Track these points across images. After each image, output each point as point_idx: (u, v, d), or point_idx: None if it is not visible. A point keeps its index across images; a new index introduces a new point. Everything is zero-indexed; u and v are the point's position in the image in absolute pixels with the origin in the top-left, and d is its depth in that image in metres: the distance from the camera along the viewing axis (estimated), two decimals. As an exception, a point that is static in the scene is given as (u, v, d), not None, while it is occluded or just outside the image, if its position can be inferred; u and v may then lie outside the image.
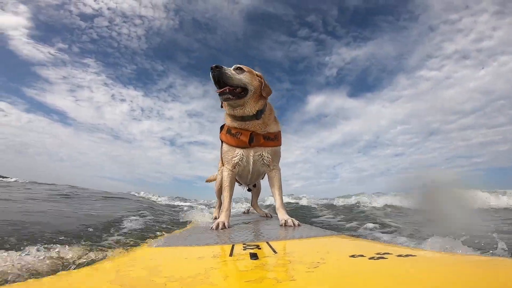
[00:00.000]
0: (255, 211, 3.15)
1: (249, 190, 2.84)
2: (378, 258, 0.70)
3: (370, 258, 0.70)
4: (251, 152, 1.96)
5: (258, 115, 1.91)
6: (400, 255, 0.72)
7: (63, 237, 1.82)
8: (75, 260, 1.41)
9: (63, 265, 1.35)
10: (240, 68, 1.89)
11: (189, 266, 0.84)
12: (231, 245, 1.09)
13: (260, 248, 0.98)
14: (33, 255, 1.32)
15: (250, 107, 1.88)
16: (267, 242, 1.13)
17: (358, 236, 2.31)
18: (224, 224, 1.80)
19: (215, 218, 2.79)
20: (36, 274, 1.19)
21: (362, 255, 0.74)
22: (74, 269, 1.30)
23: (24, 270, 1.18)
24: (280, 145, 2.09)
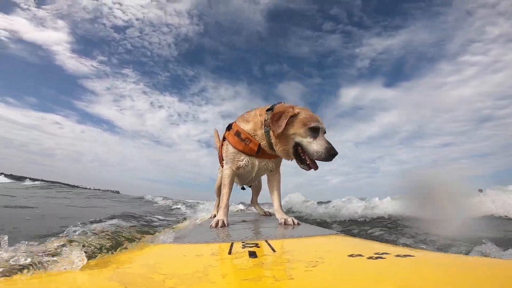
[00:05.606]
0: (255, 209, 3.17)
1: (243, 188, 2.84)
2: (377, 258, 0.70)
3: (368, 258, 0.70)
4: (256, 161, 1.95)
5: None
6: (398, 255, 0.72)
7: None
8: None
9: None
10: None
11: (187, 263, 0.84)
12: (230, 243, 1.09)
13: (259, 247, 0.99)
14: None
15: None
16: (266, 241, 1.13)
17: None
18: (223, 222, 1.80)
19: (214, 216, 2.80)
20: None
21: (360, 255, 0.74)
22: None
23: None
24: None
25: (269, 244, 1.04)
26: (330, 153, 1.65)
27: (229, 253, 0.91)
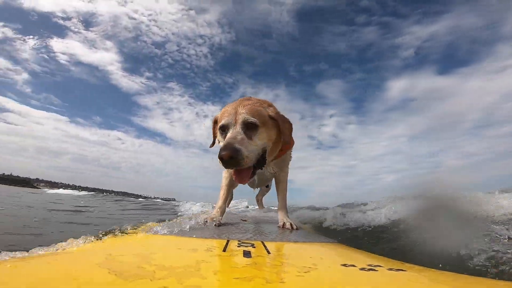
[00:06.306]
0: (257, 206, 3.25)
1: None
2: (369, 269, 0.69)
3: (361, 269, 0.70)
4: None
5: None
6: (391, 269, 0.71)
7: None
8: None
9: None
10: (252, 124, 1.40)
11: (181, 257, 0.84)
12: (226, 241, 1.09)
13: (254, 247, 0.98)
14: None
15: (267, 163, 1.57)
16: (262, 242, 1.12)
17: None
18: (213, 219, 1.69)
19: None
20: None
21: (353, 265, 0.74)
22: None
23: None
24: (288, 149, 1.88)
25: (264, 246, 1.03)
26: (219, 156, 1.26)
27: (224, 250, 0.91)
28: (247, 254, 0.85)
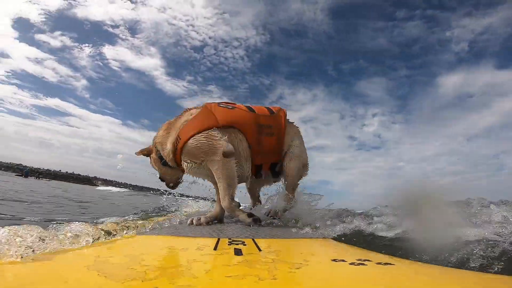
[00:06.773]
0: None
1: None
2: (358, 264, 0.71)
3: (350, 264, 0.72)
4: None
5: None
6: (379, 263, 0.73)
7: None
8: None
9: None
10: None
11: (172, 256, 0.83)
12: (216, 239, 1.09)
13: (245, 245, 0.99)
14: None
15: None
16: (253, 239, 1.13)
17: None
18: (199, 220, 1.65)
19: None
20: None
21: (343, 260, 0.76)
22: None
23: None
24: (187, 139, 1.65)
25: (255, 243, 1.04)
26: None
27: (215, 249, 0.91)
28: (238, 252, 0.85)
